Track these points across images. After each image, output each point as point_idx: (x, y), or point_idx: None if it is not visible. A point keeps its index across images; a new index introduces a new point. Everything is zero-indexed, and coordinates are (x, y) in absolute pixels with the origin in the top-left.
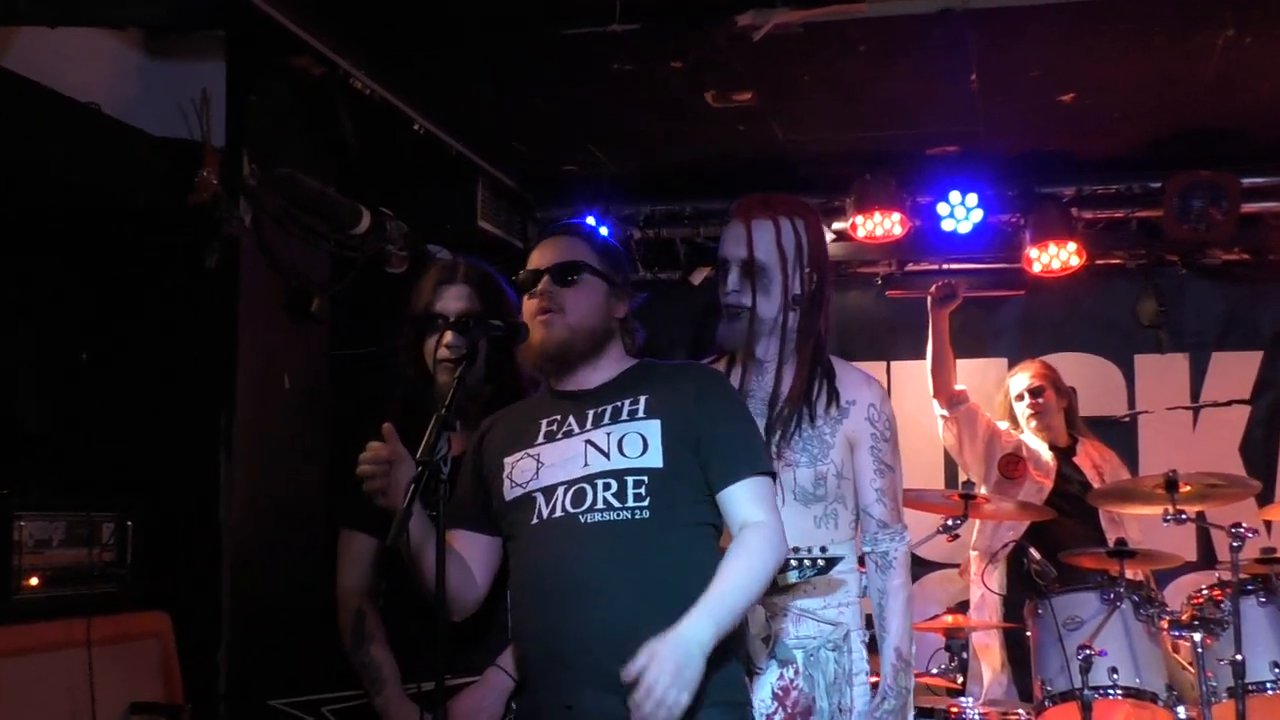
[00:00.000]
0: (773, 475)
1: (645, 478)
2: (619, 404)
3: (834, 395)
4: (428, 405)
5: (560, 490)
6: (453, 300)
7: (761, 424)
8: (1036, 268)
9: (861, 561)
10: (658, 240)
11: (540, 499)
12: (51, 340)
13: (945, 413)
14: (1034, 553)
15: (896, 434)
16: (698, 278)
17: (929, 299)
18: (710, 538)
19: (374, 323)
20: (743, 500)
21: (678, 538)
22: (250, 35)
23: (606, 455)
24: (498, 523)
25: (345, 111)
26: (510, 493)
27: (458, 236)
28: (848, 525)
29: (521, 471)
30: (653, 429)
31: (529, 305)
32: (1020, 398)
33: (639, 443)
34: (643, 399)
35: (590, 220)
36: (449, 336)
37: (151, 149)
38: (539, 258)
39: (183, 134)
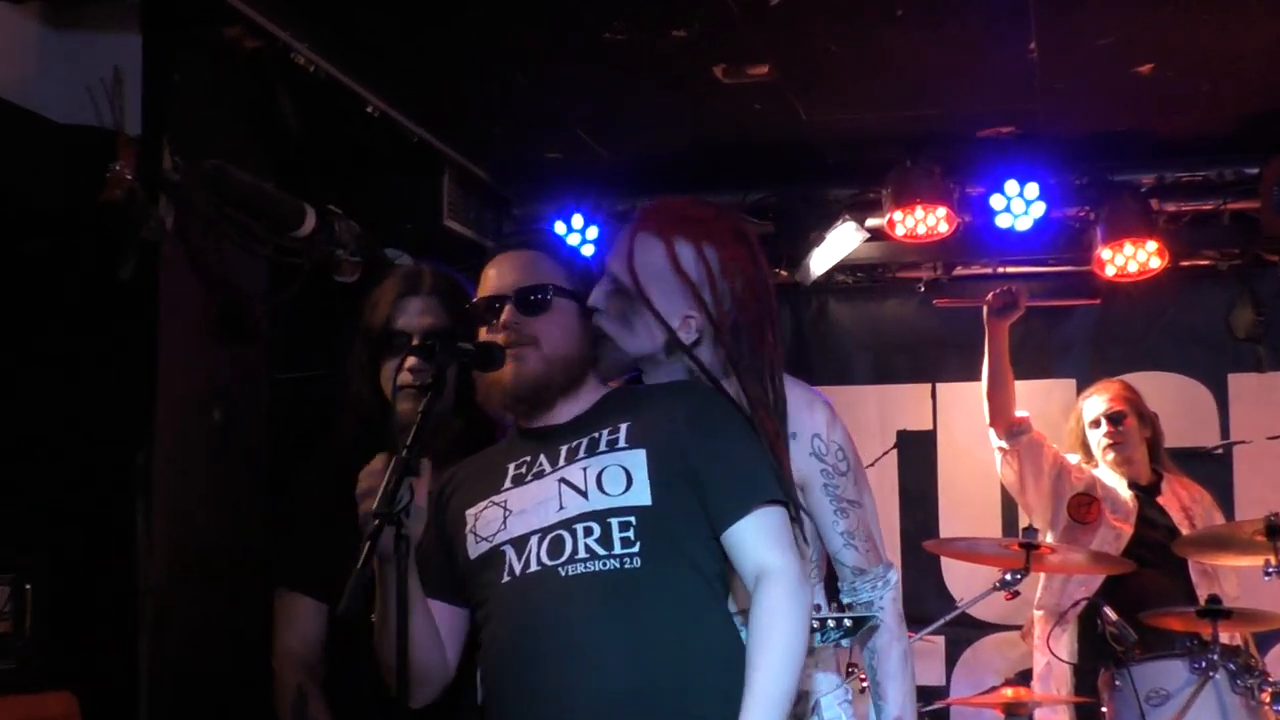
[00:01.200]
0: (787, 505)
1: (632, 518)
2: (596, 434)
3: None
4: (386, 441)
5: (534, 540)
6: (417, 315)
7: None
8: (1110, 271)
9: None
10: None
11: (510, 552)
12: None
13: (1004, 444)
14: (1110, 612)
15: (856, 460)
16: None
17: (985, 309)
18: (716, 588)
19: (321, 342)
20: (752, 540)
21: (677, 588)
22: (171, 1)
23: (584, 494)
24: (465, 588)
25: (285, 92)
26: (475, 549)
27: (420, 238)
28: (813, 568)
29: (486, 523)
30: (637, 460)
31: (489, 339)
32: (1095, 424)
33: (621, 477)
34: (623, 426)
35: (578, 219)
36: (412, 360)
37: (53, 139)
38: (496, 280)
39: (91, 121)
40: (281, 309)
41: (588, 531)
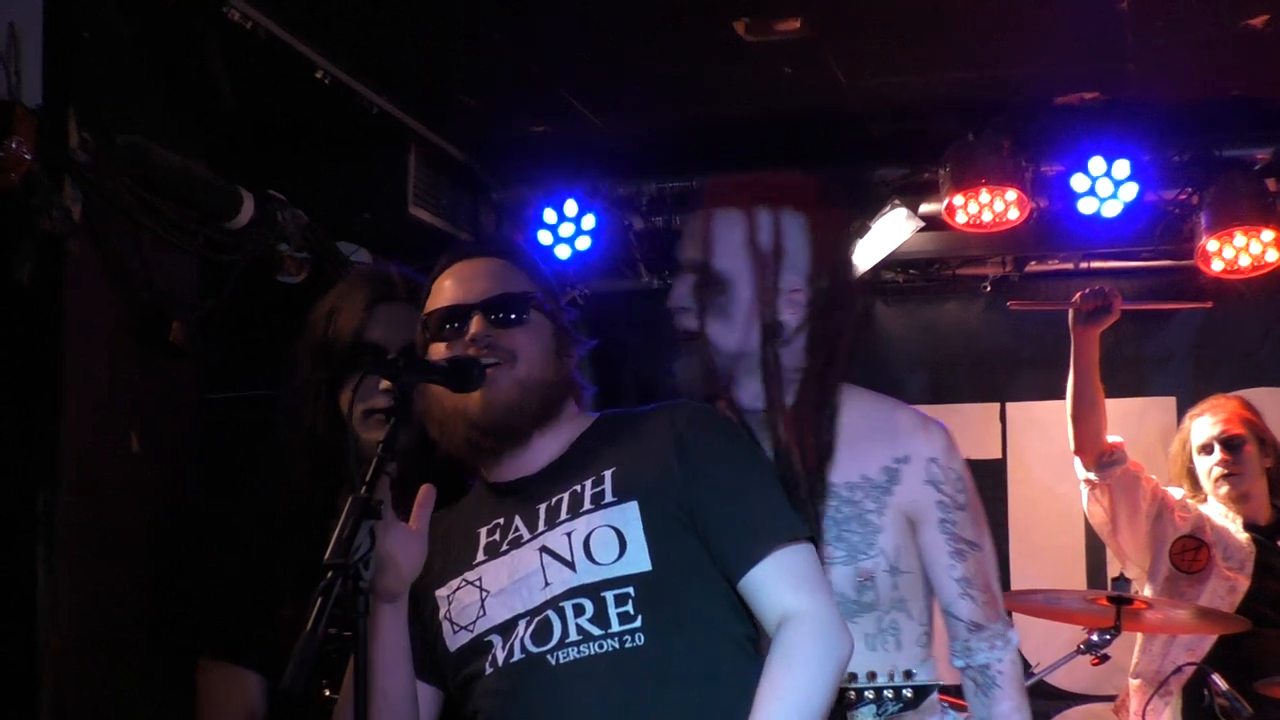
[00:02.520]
0: (813, 540)
1: (630, 589)
2: (577, 487)
3: (883, 459)
4: (343, 476)
5: (520, 626)
6: (394, 326)
7: None
8: (1217, 266)
9: (947, 690)
10: (667, 232)
11: (496, 641)
12: None
13: (1092, 476)
14: (1220, 681)
15: (975, 495)
16: None
17: (1071, 313)
18: (743, 652)
19: (261, 356)
20: (773, 584)
21: (692, 662)
22: None
23: (570, 565)
24: (442, 674)
25: (218, 54)
26: (454, 640)
27: (382, 230)
28: (915, 642)
29: (463, 608)
30: (628, 515)
31: (448, 354)
32: (1206, 450)
33: (612, 540)
34: (607, 474)
35: (571, 206)
36: (385, 381)
37: None
38: (458, 288)
39: None
40: (213, 316)
41: (578, 610)
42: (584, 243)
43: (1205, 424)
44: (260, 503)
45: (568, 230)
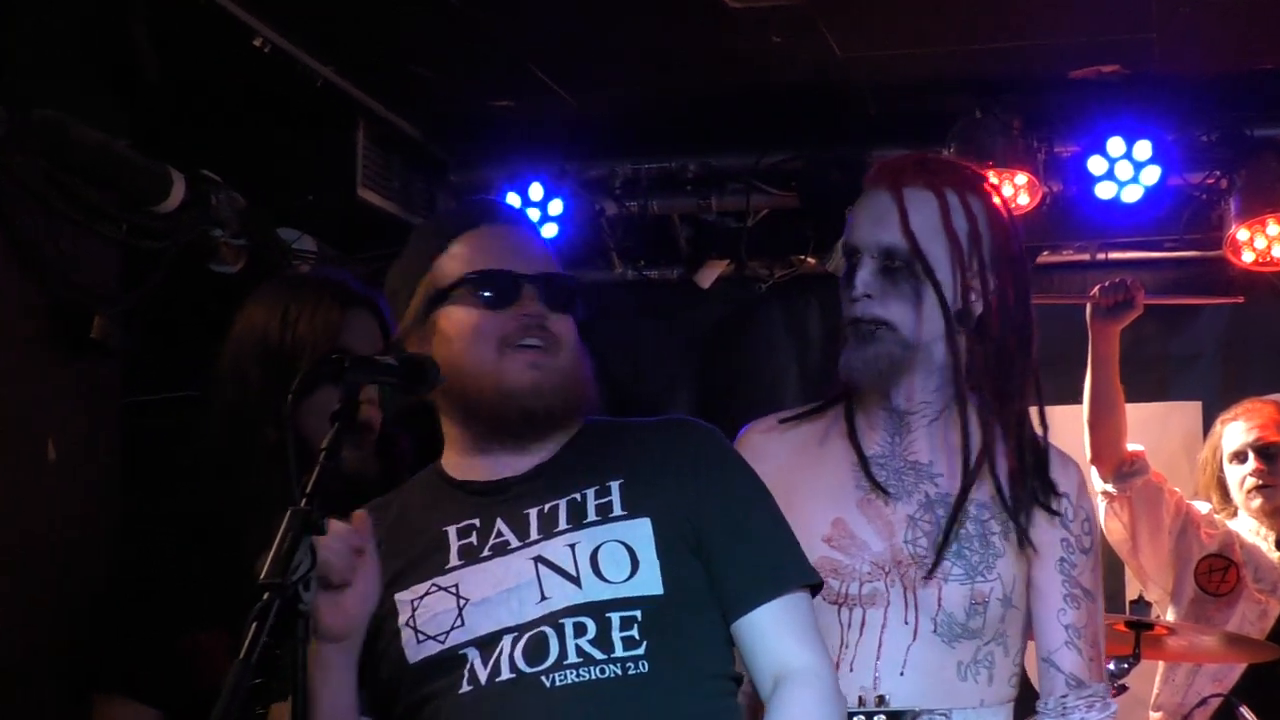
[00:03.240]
0: (814, 589)
1: (639, 612)
2: (577, 496)
3: (1048, 487)
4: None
5: (507, 641)
6: (366, 335)
7: (907, 513)
8: (1247, 257)
9: None
10: (644, 218)
11: (475, 657)
12: None
13: (1110, 488)
14: (1249, 715)
15: (1099, 545)
16: (708, 277)
17: (1088, 308)
18: (732, 696)
19: (192, 353)
20: (774, 633)
21: (694, 701)
22: None
23: (576, 581)
24: (388, 698)
25: (142, 20)
26: (417, 651)
27: (327, 215)
28: (1006, 682)
29: (433, 616)
30: (641, 533)
31: (494, 325)
32: (1238, 458)
33: (623, 558)
34: (615, 485)
35: (537, 189)
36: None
37: None
38: (507, 254)
39: None
40: (139, 310)
41: (579, 629)
42: (550, 229)
43: (1239, 429)
44: (177, 518)
45: (533, 216)
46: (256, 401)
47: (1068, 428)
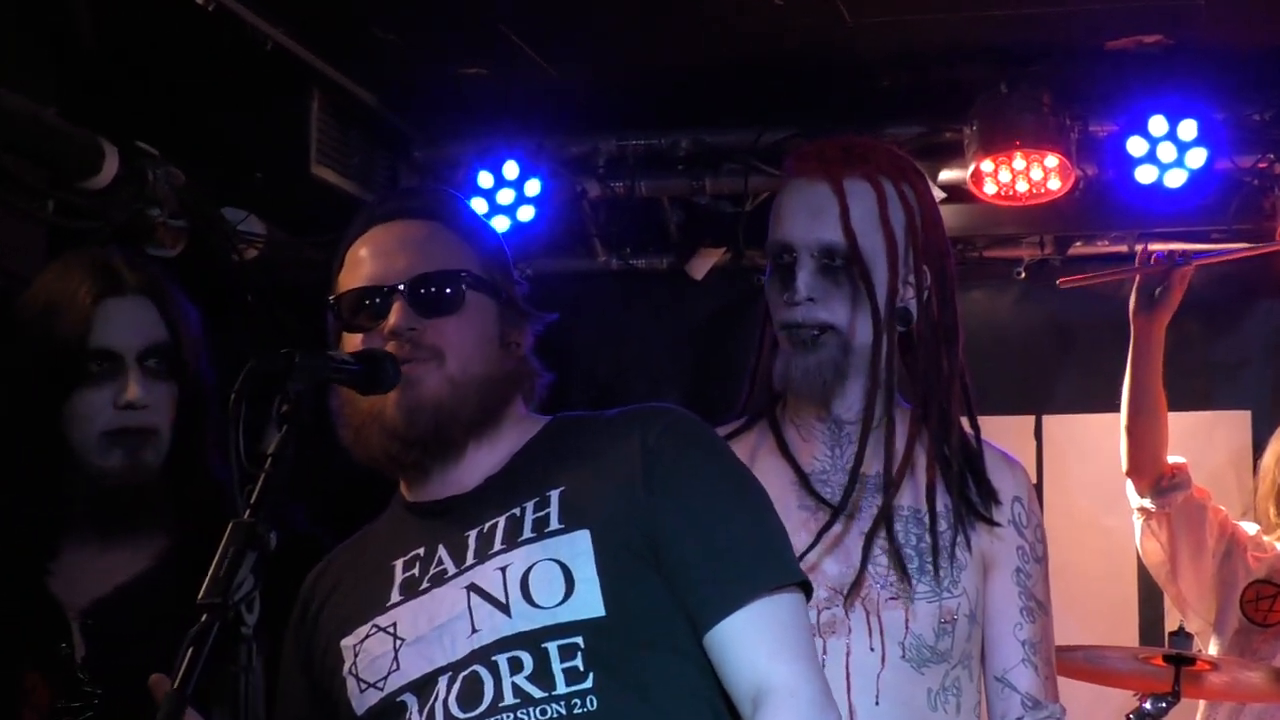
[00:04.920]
0: (805, 587)
1: (579, 639)
2: (517, 510)
3: (988, 490)
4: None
5: (441, 684)
6: (124, 326)
7: (860, 529)
8: None
9: None
10: (631, 200)
11: (413, 704)
12: None
13: (1148, 504)
14: None
15: (1048, 552)
16: (701, 268)
17: (1132, 299)
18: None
19: None
20: (749, 643)
21: None
22: None
23: (505, 609)
24: None
25: None
26: (361, 701)
27: (277, 193)
28: (971, 711)
29: (372, 661)
30: (577, 549)
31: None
32: None
33: (557, 578)
34: (554, 494)
35: (512, 167)
36: (134, 390)
37: None
38: (376, 263)
39: None
40: None
41: (515, 665)
42: (527, 213)
43: None
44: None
45: (507, 197)
46: (23, 411)
47: (1099, 439)
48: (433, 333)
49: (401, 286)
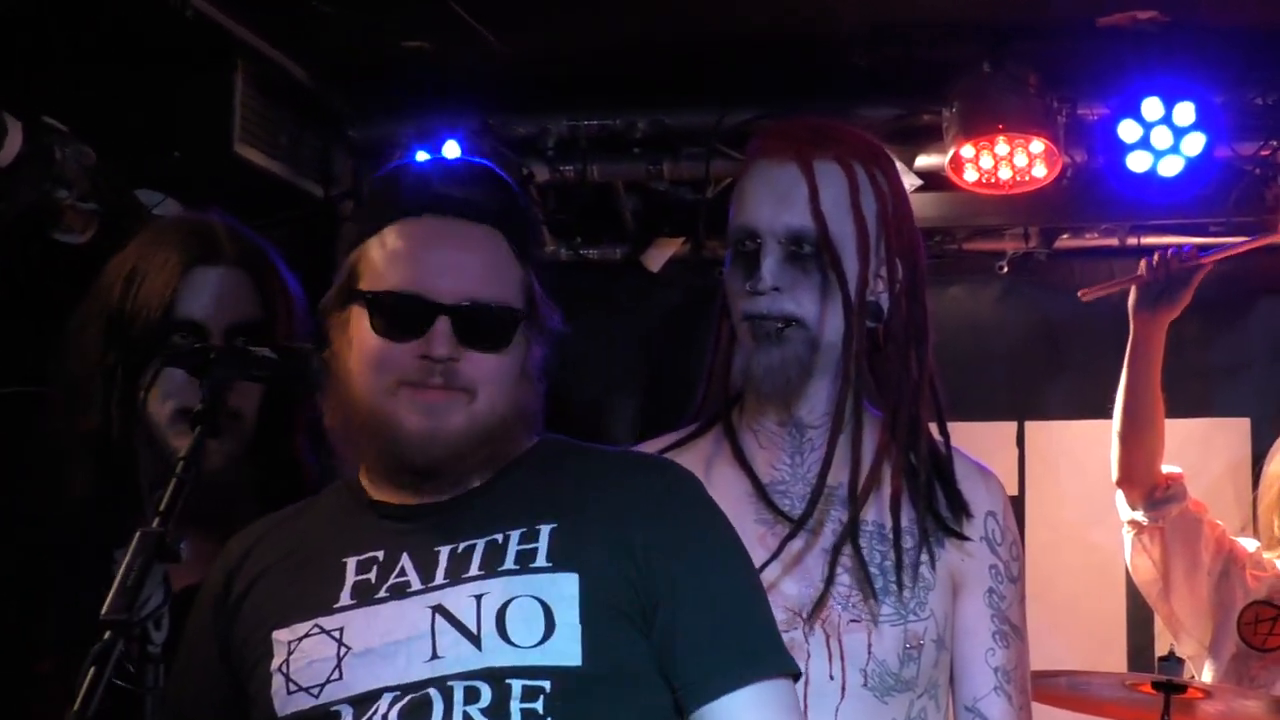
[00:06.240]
0: (796, 677)
1: (546, 684)
2: (499, 536)
3: (958, 502)
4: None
5: (384, 701)
6: (213, 299)
7: (822, 546)
8: None
9: None
10: (582, 186)
11: (348, 716)
12: None
13: (1139, 516)
14: None
15: (1024, 571)
16: (658, 259)
17: (1133, 293)
18: None
19: (31, 338)
20: None
21: None
22: None
23: (475, 640)
24: None
25: None
26: (285, 702)
27: (196, 174)
28: None
29: (309, 664)
30: (563, 592)
31: (391, 359)
32: None
33: (537, 618)
34: (544, 530)
35: (452, 148)
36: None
37: None
38: (427, 270)
39: None
40: None
41: (471, 695)
42: None
43: None
44: (19, 530)
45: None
46: (88, 377)
47: (1086, 447)
48: (470, 366)
49: (452, 309)
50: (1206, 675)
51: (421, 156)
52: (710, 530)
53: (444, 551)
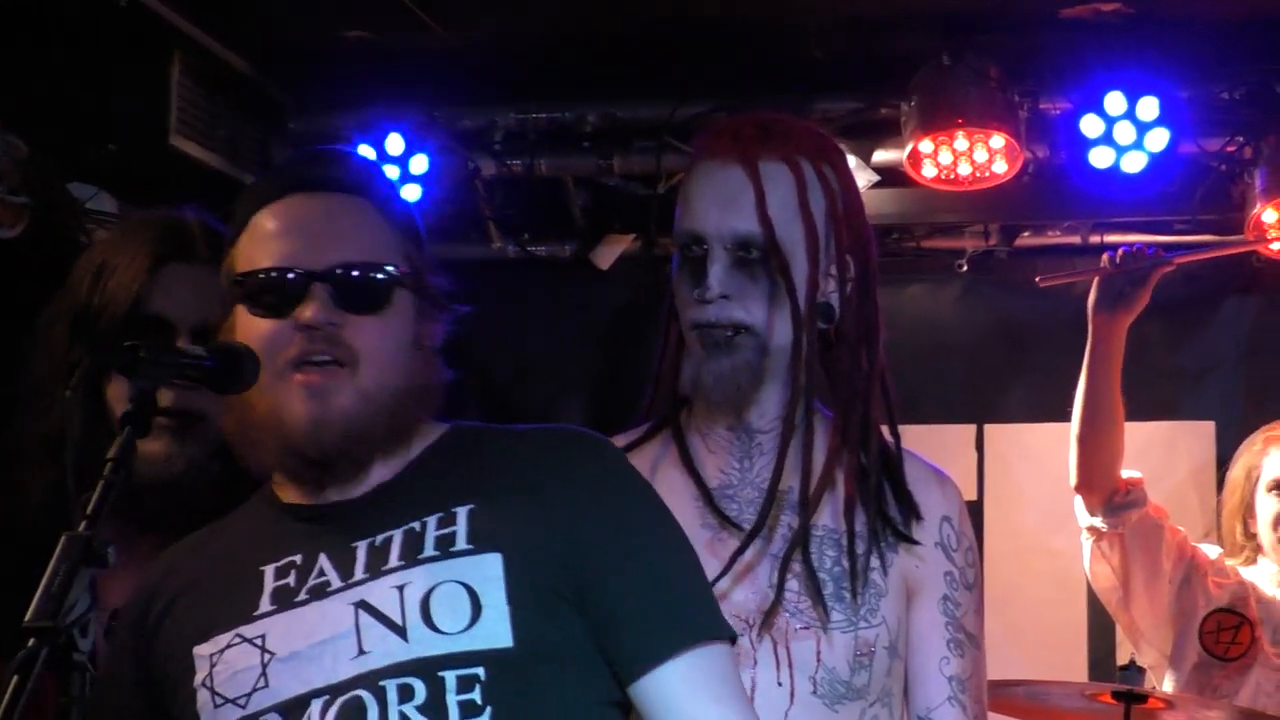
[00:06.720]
0: (733, 641)
1: (480, 670)
2: (415, 525)
3: (909, 505)
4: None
5: (315, 707)
6: (184, 296)
7: (770, 551)
8: (1277, 245)
9: None
10: (530, 180)
11: None
12: None
13: (1098, 522)
14: None
15: (981, 578)
16: (608, 257)
17: (1092, 295)
18: None
19: None
20: (690, 690)
21: None
22: None
23: (401, 632)
24: None
25: None
26: (215, 717)
27: (131, 167)
28: None
29: (233, 675)
30: (487, 573)
31: (274, 340)
32: (1278, 490)
33: (463, 602)
34: (462, 512)
35: (396, 141)
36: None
37: None
38: (295, 241)
39: None
40: None
41: (405, 693)
42: (412, 192)
43: (1277, 459)
44: None
45: (390, 174)
46: (53, 375)
47: (1047, 451)
48: (352, 331)
49: (324, 274)
50: (1168, 685)
51: (364, 150)
52: (632, 498)
53: (362, 546)
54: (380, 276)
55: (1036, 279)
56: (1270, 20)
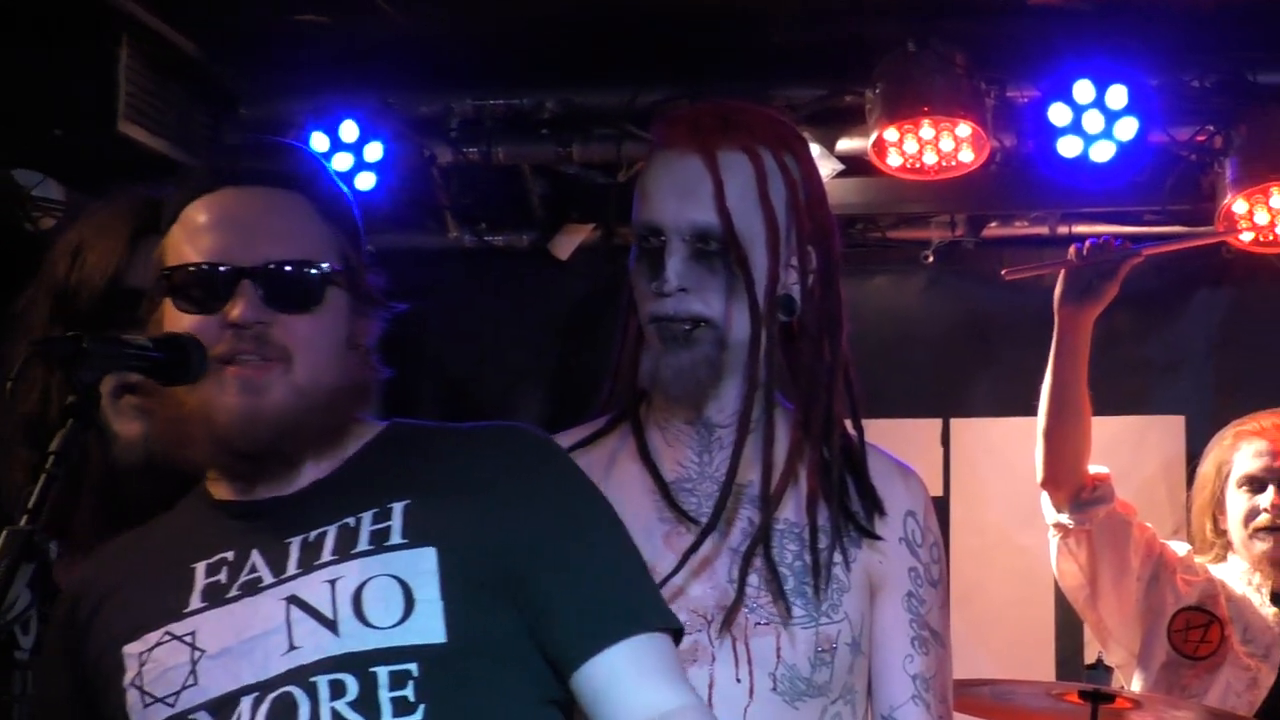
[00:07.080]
0: (678, 635)
1: (413, 666)
2: (350, 521)
3: (872, 499)
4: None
5: (245, 704)
6: None
7: (729, 545)
8: (1246, 236)
9: None
10: (487, 169)
11: None
12: None
13: (1065, 519)
14: None
15: (946, 575)
16: (567, 246)
17: (1058, 287)
18: None
19: None
20: (635, 675)
21: None
22: None
23: (332, 626)
24: None
25: None
26: (145, 716)
27: (78, 153)
28: None
29: (163, 673)
30: (421, 567)
31: (202, 336)
32: (1253, 486)
33: (396, 597)
34: (397, 508)
35: (350, 129)
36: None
37: None
38: (225, 236)
39: None
40: None
41: (337, 689)
42: (367, 180)
43: (1260, 450)
44: None
45: (344, 162)
46: (34, 360)
47: (1013, 446)
48: (282, 330)
49: (254, 271)
50: (1136, 684)
51: (317, 138)
52: (572, 494)
53: (295, 542)
54: (312, 274)
55: (1002, 272)
56: (1242, 8)
